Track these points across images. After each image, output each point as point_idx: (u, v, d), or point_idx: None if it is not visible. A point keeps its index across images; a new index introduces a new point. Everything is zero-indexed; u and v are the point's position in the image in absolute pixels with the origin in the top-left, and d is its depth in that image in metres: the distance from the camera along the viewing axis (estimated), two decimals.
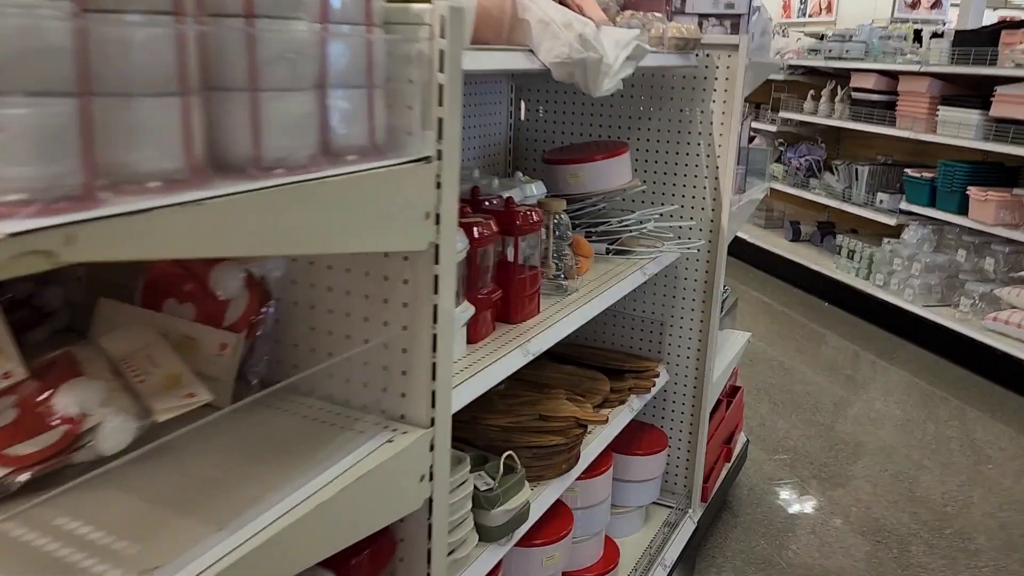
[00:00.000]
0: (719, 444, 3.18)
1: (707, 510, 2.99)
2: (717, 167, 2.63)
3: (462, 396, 1.51)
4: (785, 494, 3.55)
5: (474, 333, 1.71)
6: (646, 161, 2.71)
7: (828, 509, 3.44)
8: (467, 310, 1.62)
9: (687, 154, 2.66)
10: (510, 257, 1.84)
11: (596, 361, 2.61)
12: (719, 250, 2.68)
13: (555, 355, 2.68)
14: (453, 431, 2.02)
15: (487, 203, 1.91)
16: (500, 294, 1.76)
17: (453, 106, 1.10)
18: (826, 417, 4.37)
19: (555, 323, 1.88)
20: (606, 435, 2.32)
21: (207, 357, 1.18)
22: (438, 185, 1.10)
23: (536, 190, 2.21)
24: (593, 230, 2.46)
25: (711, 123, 2.61)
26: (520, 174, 2.25)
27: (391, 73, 1.09)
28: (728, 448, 3.27)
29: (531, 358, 1.75)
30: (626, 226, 2.46)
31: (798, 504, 3.48)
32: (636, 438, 2.74)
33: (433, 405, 1.17)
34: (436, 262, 1.13)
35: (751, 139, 7.73)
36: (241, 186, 0.85)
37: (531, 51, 1.61)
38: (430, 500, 1.20)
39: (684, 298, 2.78)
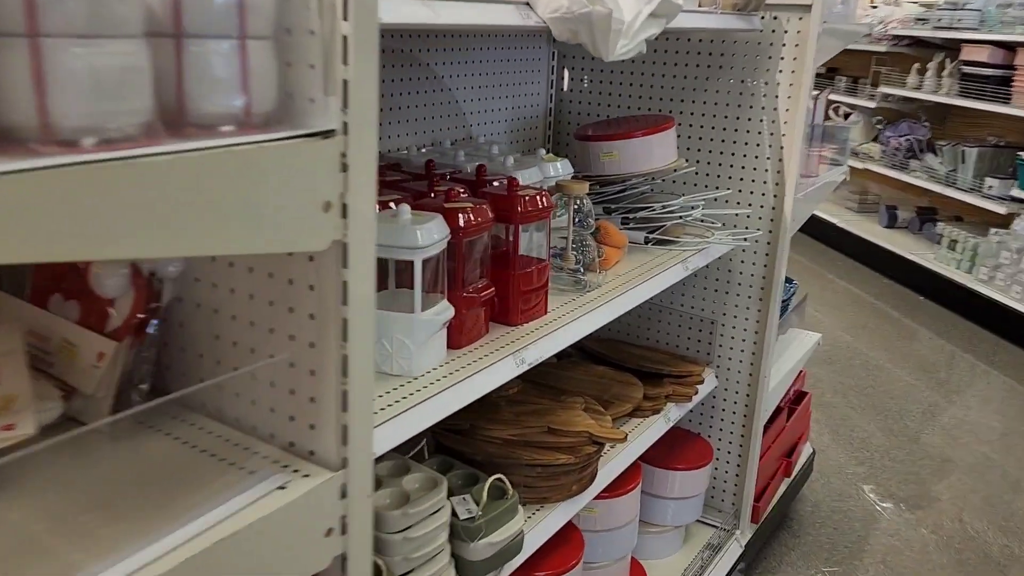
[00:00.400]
0: (777, 458, 2.85)
1: (758, 532, 2.68)
2: (781, 147, 2.28)
3: (427, 416, 1.27)
4: (856, 514, 3.18)
5: (458, 337, 1.46)
6: (700, 139, 2.39)
7: (905, 534, 3.06)
8: (443, 312, 1.38)
9: (747, 131, 2.32)
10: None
11: (633, 362, 2.33)
12: (780, 241, 2.34)
13: (589, 353, 2.41)
14: (447, 441, 1.81)
15: (492, 184, 1.65)
16: (492, 292, 1.51)
17: (364, 65, 0.84)
18: (912, 425, 3.94)
19: (562, 326, 1.61)
20: (634, 448, 2.04)
21: (84, 368, 0.98)
22: (344, 167, 0.85)
23: (560, 169, 1.93)
24: (631, 216, 2.16)
25: (776, 96, 2.26)
26: (543, 151, 1.98)
27: (289, 21, 0.84)
28: (788, 462, 2.93)
29: (526, 368, 1.50)
30: (669, 212, 2.16)
31: (871, 526, 3.11)
32: (677, 450, 2.45)
33: (345, 443, 0.94)
34: (344, 265, 0.88)
35: (846, 115, 7.17)
36: (14, 164, 0.62)
37: (527, 4, 1.34)
38: (343, 557, 0.97)
39: (739, 295, 2.45)
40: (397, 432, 1.22)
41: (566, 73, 2.57)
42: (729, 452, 2.59)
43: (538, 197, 1.58)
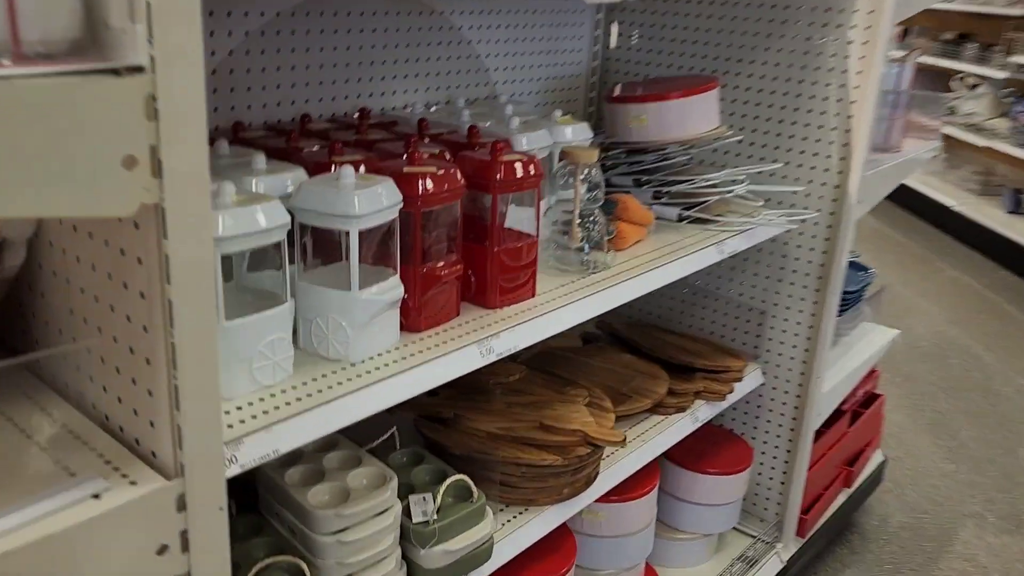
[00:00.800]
0: (836, 465, 2.57)
1: (806, 546, 2.41)
2: (849, 115, 1.98)
3: (355, 410, 1.11)
4: (929, 532, 2.85)
5: (416, 319, 1.29)
6: (757, 104, 2.11)
7: (985, 559, 2.72)
8: (390, 290, 1.21)
9: (810, 97, 2.03)
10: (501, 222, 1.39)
11: (663, 352, 2.10)
12: (842, 224, 2.04)
13: (620, 338, 2.20)
14: (427, 431, 1.64)
15: (476, 147, 1.46)
16: (459, 269, 1.33)
17: None
18: (1013, 436, 3.52)
19: (548, 312, 1.42)
20: (650, 449, 1.83)
21: None
22: (153, 114, 0.68)
23: (575, 134, 1.72)
24: (665, 190, 1.92)
25: (846, 57, 1.96)
26: (559, 113, 1.77)
27: None
28: (849, 471, 2.64)
29: (494, 359, 1.31)
30: (708, 187, 1.90)
31: (945, 547, 2.78)
32: (711, 451, 2.21)
33: (180, 447, 0.79)
34: (164, 235, 0.72)
35: (973, 86, 6.51)
36: None
37: None
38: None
39: (792, 283, 2.17)
40: (312, 427, 1.06)
41: (614, 29, 2.33)
42: (775, 457, 2.33)
43: (522, 164, 1.37)
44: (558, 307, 1.44)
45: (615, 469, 1.75)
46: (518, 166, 1.37)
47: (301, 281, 1.19)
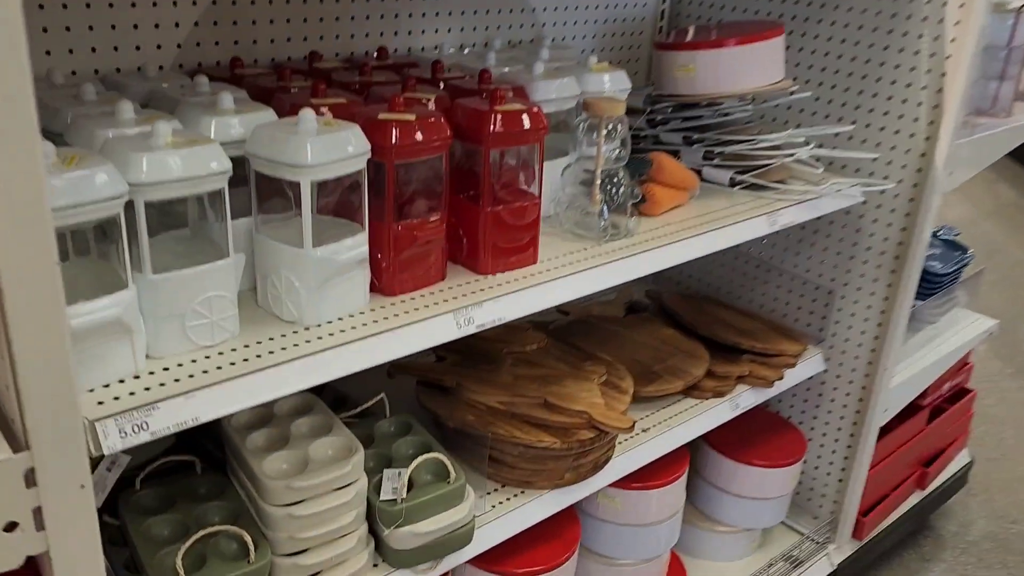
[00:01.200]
0: (908, 464, 2.32)
1: (863, 550, 2.20)
2: (942, 73, 1.71)
3: (292, 380, 1.01)
4: (1016, 545, 2.57)
5: (391, 281, 1.18)
6: (838, 56, 1.85)
7: None
8: (352, 249, 1.09)
9: (899, 50, 1.76)
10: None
11: (711, 329, 1.92)
12: (925, 198, 1.79)
13: (667, 311, 2.03)
14: (425, 399, 1.53)
15: (481, 95, 1.31)
16: (442, 228, 1.20)
17: None
18: None
19: (546, 283, 1.27)
20: (675, 434, 1.67)
21: None
22: None
23: (611, 84, 1.54)
24: (718, 150, 1.72)
25: (943, 4, 1.68)
26: (594, 59, 1.59)
27: None
28: (924, 471, 2.38)
29: (473, 330, 1.18)
30: (766, 149, 1.69)
31: None
32: (759, 439, 2.03)
33: (24, 418, 0.70)
34: None
35: None
36: None
37: None
38: (47, 556, 0.75)
39: (866, 262, 1.93)
40: (244, 395, 0.97)
41: None
42: (833, 452, 2.11)
43: (520, 115, 1.22)
44: (560, 276, 1.29)
45: (633, 454, 1.60)
46: (516, 118, 1.21)
47: (258, 234, 1.10)
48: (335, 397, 1.53)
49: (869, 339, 1.96)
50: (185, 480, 1.25)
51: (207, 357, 1.01)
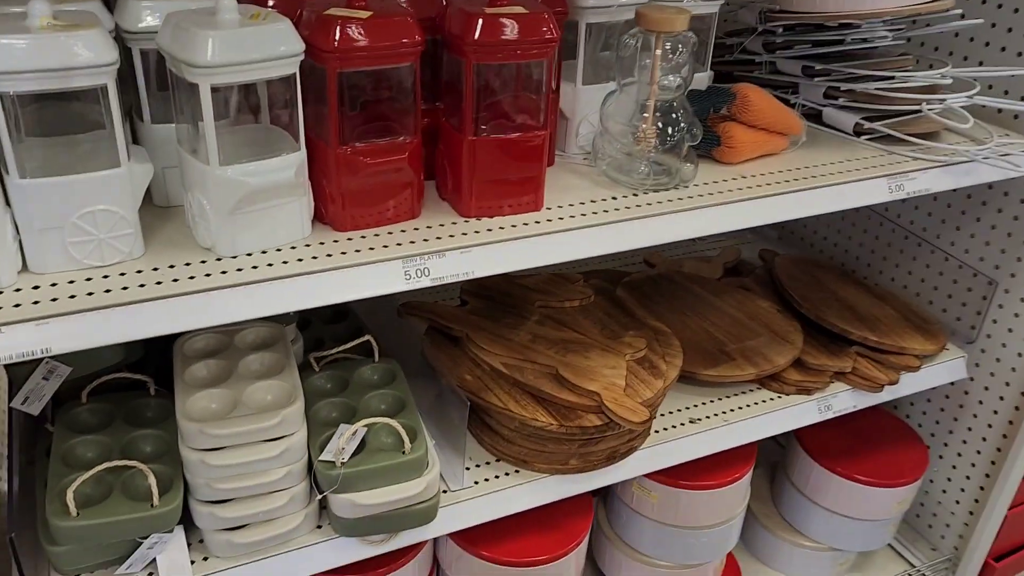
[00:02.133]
0: None
1: None
2: None
3: (175, 319, 0.87)
4: None
5: (336, 213, 0.98)
6: None
7: None
8: (275, 171, 0.91)
9: None
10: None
11: (818, 309, 1.57)
12: None
13: (774, 280, 1.69)
14: (427, 348, 1.33)
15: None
16: (403, 158, 0.98)
17: None
18: None
19: (542, 235, 1.03)
20: (732, 432, 1.39)
21: None
22: None
23: None
24: (844, 87, 1.34)
25: None
26: None
27: None
28: None
29: (427, 284, 0.97)
30: (905, 90, 1.29)
31: None
32: (865, 446, 1.67)
33: None
34: None
35: None
36: None
37: None
38: None
39: None
40: (108, 330, 0.84)
41: None
42: (968, 477, 1.71)
43: (519, 20, 0.95)
44: (563, 230, 1.04)
45: (670, 447, 1.34)
46: (511, 24, 0.95)
47: (179, 146, 0.94)
48: (356, 328, 1.38)
49: None
50: (136, 401, 1.17)
51: (89, 279, 0.88)
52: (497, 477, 1.25)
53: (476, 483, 1.24)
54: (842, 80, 1.34)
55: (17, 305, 0.83)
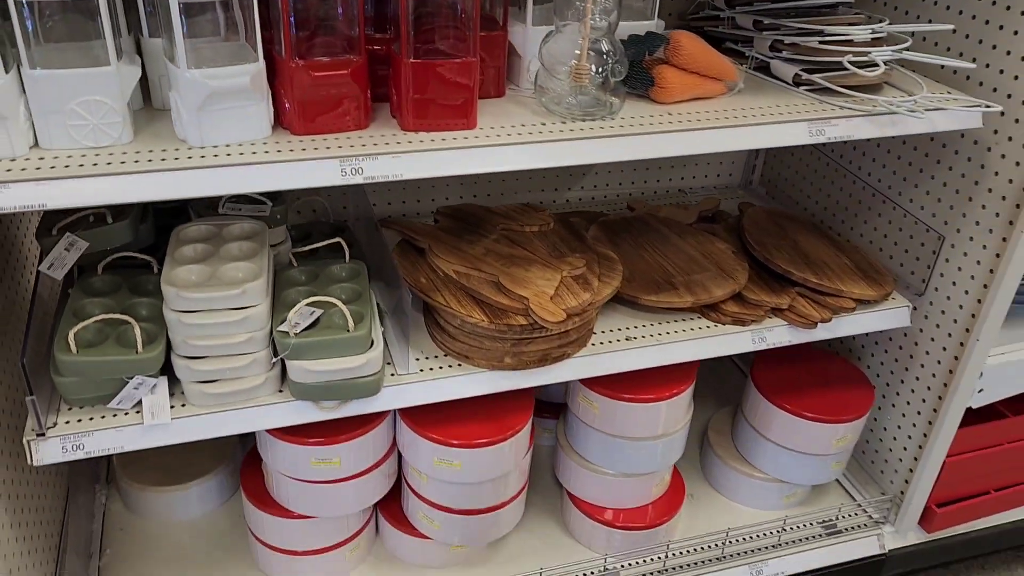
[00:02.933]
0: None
1: (934, 545, 1.88)
2: None
3: (138, 191, 1.08)
4: None
5: (291, 118, 1.17)
6: None
7: None
8: (232, 76, 1.10)
9: None
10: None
11: (768, 253, 1.69)
12: None
13: (740, 228, 1.81)
14: (397, 255, 1.52)
15: None
16: (345, 74, 1.16)
17: None
18: None
19: (465, 148, 1.20)
20: (661, 351, 1.54)
21: None
22: None
23: None
24: (788, 40, 1.45)
25: None
26: None
27: None
28: None
29: (361, 180, 1.16)
30: (837, 44, 1.39)
31: None
32: (814, 386, 1.78)
33: None
34: None
35: None
36: None
37: None
38: None
39: (984, 206, 1.56)
40: (88, 193, 1.06)
41: None
42: (914, 424, 1.80)
43: None
44: (488, 145, 1.21)
45: (603, 359, 1.50)
46: None
47: (165, 55, 1.15)
48: (349, 240, 1.58)
49: (971, 300, 1.61)
50: (141, 276, 1.40)
51: (84, 155, 1.10)
52: (441, 368, 1.44)
53: (422, 371, 1.43)
54: (785, 34, 1.45)
55: (23, 170, 1.06)
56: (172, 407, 1.30)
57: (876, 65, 1.36)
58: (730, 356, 2.37)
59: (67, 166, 1.07)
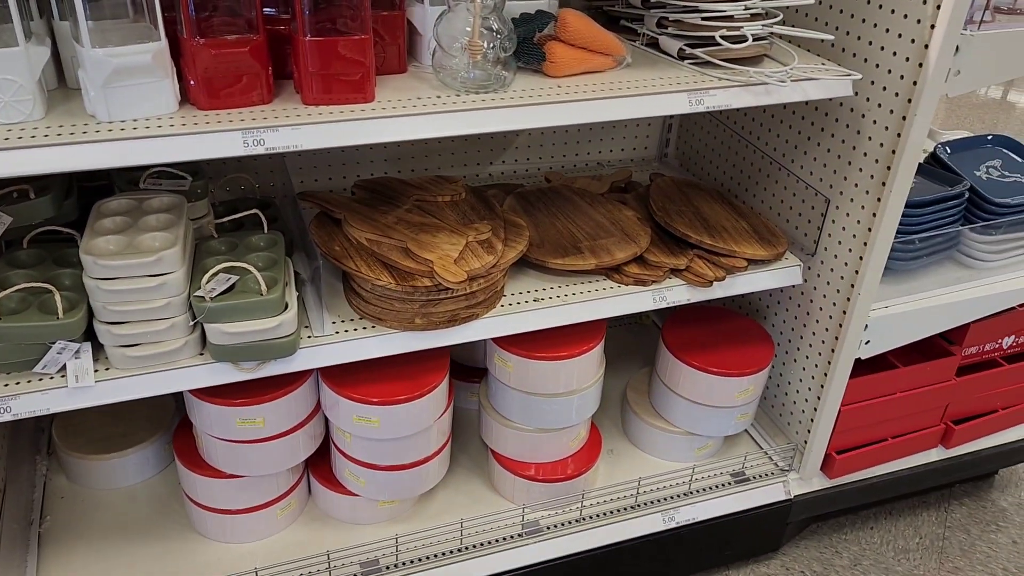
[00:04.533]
0: (920, 414, 2.04)
1: (836, 491, 2.01)
2: None
3: (43, 163, 1.15)
4: None
5: (196, 93, 1.26)
6: None
7: None
8: (133, 54, 1.18)
9: None
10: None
11: (669, 218, 1.80)
12: (924, 99, 1.50)
13: (647, 203, 1.92)
14: (313, 227, 1.61)
15: None
16: (245, 51, 1.24)
17: None
18: None
19: (365, 119, 1.29)
20: (567, 311, 1.64)
21: None
22: None
23: None
24: (672, 17, 1.56)
25: None
26: None
27: None
28: (951, 429, 2.08)
29: (262, 151, 1.25)
30: (715, 20, 1.50)
31: None
32: (717, 343, 1.90)
33: None
34: None
35: None
36: None
37: None
38: None
39: (861, 169, 1.68)
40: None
41: None
42: (813, 377, 1.92)
43: None
44: (382, 117, 1.30)
45: (510, 319, 1.60)
46: None
47: (72, 38, 1.22)
48: (273, 216, 1.67)
49: (854, 258, 1.73)
50: (65, 249, 1.47)
51: None
52: (356, 330, 1.53)
53: (337, 332, 1.52)
54: (670, 12, 1.56)
55: None
56: (96, 371, 1.39)
57: (746, 39, 1.47)
58: (653, 320, 2.49)
59: None
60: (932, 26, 1.45)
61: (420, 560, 1.74)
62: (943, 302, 1.84)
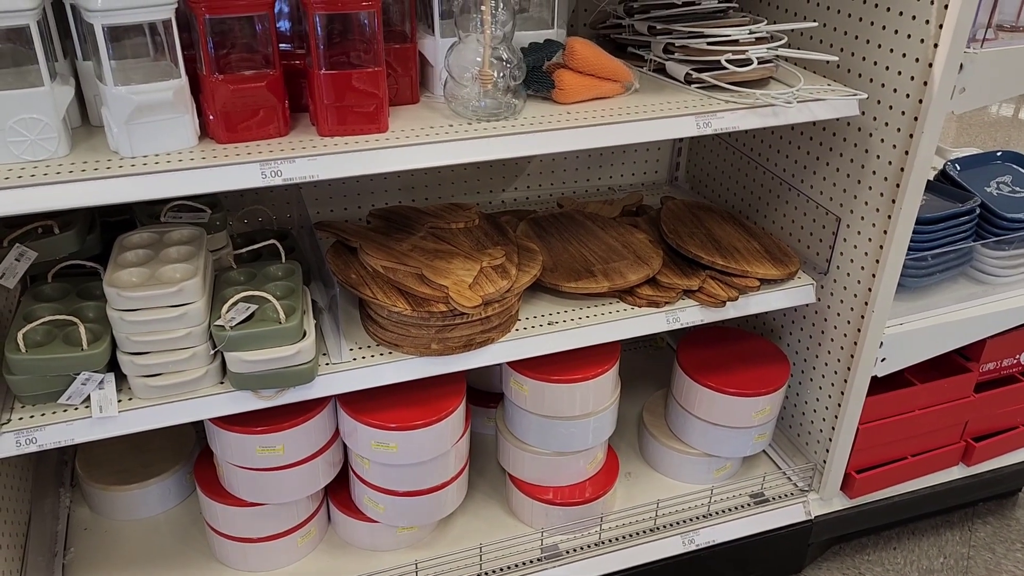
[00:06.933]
0: (940, 431, 2.03)
1: (856, 510, 1.99)
2: None
3: (68, 198, 1.18)
4: None
5: (214, 128, 1.29)
6: None
7: None
8: (155, 91, 1.22)
9: None
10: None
11: (681, 240, 1.81)
12: (930, 117, 1.52)
13: (659, 225, 1.94)
14: (330, 256, 1.64)
15: None
16: (266, 86, 1.28)
17: None
18: None
19: (380, 149, 1.32)
20: (580, 334, 1.65)
21: None
22: None
23: None
24: (679, 43, 1.59)
25: None
26: None
27: None
28: (971, 446, 2.06)
29: (280, 182, 1.28)
30: (718, 44, 1.53)
31: None
32: (733, 364, 1.90)
33: None
34: None
35: None
36: None
37: None
38: None
39: (871, 188, 1.69)
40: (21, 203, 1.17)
41: None
42: (830, 396, 1.92)
43: None
44: (397, 146, 1.33)
45: (526, 343, 1.61)
46: None
47: (95, 76, 1.26)
48: (290, 247, 1.70)
49: (867, 276, 1.73)
50: (89, 283, 1.51)
51: (23, 168, 1.21)
52: (374, 356, 1.55)
53: (355, 359, 1.54)
54: (676, 38, 1.59)
55: None
56: (119, 401, 1.41)
57: (751, 62, 1.49)
58: (668, 343, 2.49)
59: (7, 178, 1.18)
60: (935, 45, 1.47)
61: None
62: (958, 318, 1.84)
